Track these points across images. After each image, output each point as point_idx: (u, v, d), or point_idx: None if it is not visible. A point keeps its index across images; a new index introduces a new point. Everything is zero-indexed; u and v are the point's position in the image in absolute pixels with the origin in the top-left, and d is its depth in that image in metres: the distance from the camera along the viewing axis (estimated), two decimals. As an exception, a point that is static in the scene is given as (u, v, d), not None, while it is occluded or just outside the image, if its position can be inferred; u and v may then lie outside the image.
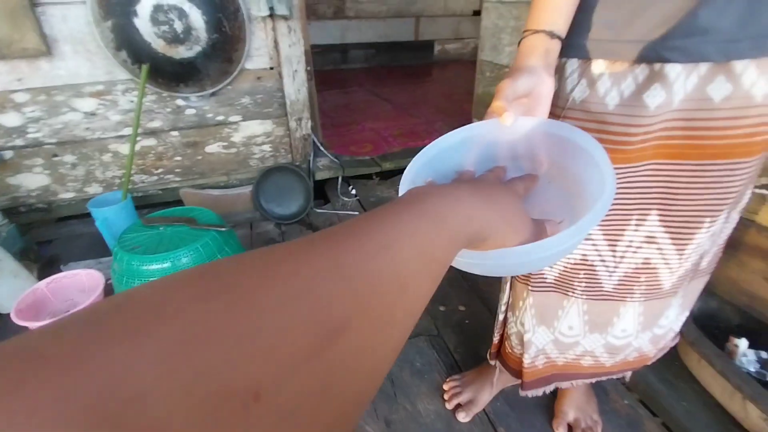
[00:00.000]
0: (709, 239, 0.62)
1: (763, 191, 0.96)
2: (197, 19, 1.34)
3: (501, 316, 0.87)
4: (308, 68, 1.73)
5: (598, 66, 0.54)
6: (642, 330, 0.75)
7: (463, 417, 0.99)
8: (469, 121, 2.27)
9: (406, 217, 0.23)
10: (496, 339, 0.92)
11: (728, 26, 0.45)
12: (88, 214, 1.46)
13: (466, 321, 1.31)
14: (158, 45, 1.34)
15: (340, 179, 2.04)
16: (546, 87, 0.46)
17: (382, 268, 0.19)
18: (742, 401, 0.89)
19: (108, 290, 1.34)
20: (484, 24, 1.92)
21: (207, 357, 0.13)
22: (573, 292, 0.71)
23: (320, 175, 1.96)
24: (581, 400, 0.96)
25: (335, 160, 2.01)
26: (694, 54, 0.48)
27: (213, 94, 1.58)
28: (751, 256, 1.01)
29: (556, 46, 0.49)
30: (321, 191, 2.11)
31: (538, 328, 0.78)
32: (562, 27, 0.49)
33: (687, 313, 0.77)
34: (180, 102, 1.56)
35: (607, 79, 0.53)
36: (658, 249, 0.63)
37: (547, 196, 0.44)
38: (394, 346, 0.20)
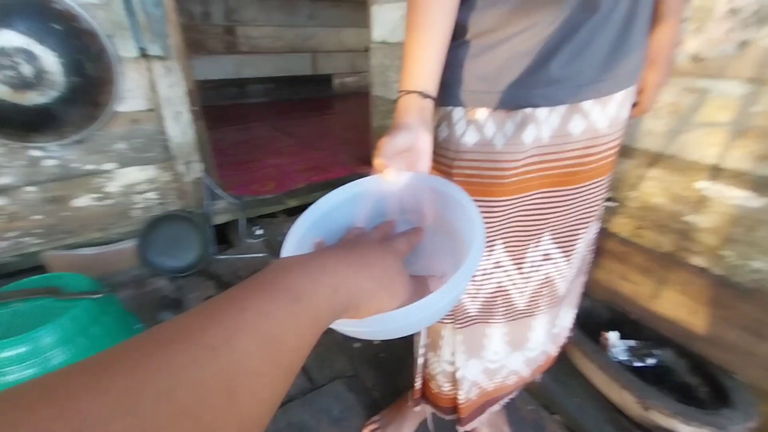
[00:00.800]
0: (585, 246, 0.75)
1: (610, 204, 1.14)
2: (51, 62, 1.18)
3: (420, 360, 0.87)
4: (194, 108, 1.64)
5: (481, 114, 0.61)
6: (547, 335, 0.83)
7: (386, 458, 0.96)
8: (371, 152, 2.35)
9: (254, 301, 0.21)
10: (418, 383, 0.91)
11: (574, 76, 0.56)
12: None
13: (382, 354, 1.31)
14: (1, 92, 1.15)
15: (242, 221, 1.94)
16: (423, 142, 0.50)
17: (203, 379, 0.17)
18: (619, 390, 1.01)
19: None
20: (373, 63, 2.03)
21: None
22: (494, 318, 0.76)
23: (219, 219, 1.84)
24: (492, 417, 1.01)
25: (235, 201, 1.90)
26: (554, 99, 0.58)
27: (78, 142, 1.39)
28: (609, 260, 1.18)
29: (429, 104, 0.54)
30: (223, 236, 1.98)
31: (468, 362, 0.80)
32: (431, 87, 0.54)
33: (575, 311, 0.88)
34: (35, 153, 1.35)
35: (492, 124, 0.61)
36: (554, 264, 0.73)
37: (434, 247, 0.46)
38: None
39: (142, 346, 0.18)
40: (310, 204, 0.43)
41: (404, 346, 1.33)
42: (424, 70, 0.54)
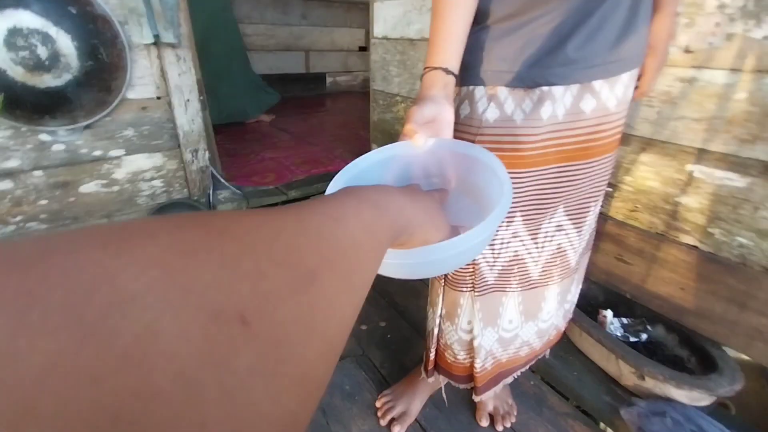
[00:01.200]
0: (593, 219, 0.82)
1: (607, 189, 1.22)
2: (66, 44, 1.20)
3: (436, 330, 0.92)
4: (201, 98, 1.66)
5: (502, 92, 0.66)
6: (558, 308, 0.88)
7: (398, 430, 1.00)
8: (367, 147, 2.39)
9: (349, 201, 0.25)
10: (432, 354, 0.95)
11: (587, 57, 0.62)
12: None
13: (388, 336, 1.35)
14: (16, 72, 1.16)
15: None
16: (448, 113, 0.55)
17: (337, 234, 0.21)
18: (616, 361, 1.08)
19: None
20: (373, 58, 2.08)
21: (197, 273, 0.12)
22: (510, 287, 0.81)
23: (222, 209, 1.85)
24: (497, 390, 1.06)
25: (237, 191, 1.93)
26: (568, 78, 0.64)
27: (88, 127, 1.40)
28: (604, 242, 1.25)
29: (451, 80, 0.59)
30: (223, 226, 2.00)
31: (485, 331, 0.84)
32: (455, 64, 0.60)
33: (581, 286, 0.94)
34: (45, 137, 1.35)
35: (512, 101, 0.67)
36: (566, 234, 0.79)
37: (457, 209, 0.49)
38: (356, 302, 0.21)
39: (292, 207, 0.21)
40: (311, 195, 0.46)
41: (407, 328, 1.38)
42: (448, 48, 0.59)
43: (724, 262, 0.99)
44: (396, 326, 1.39)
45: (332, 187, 0.43)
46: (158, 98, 1.51)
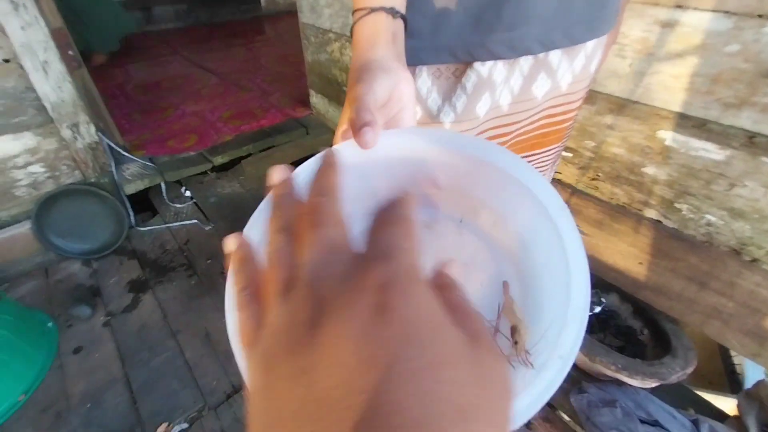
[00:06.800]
0: None
1: (566, 154, 1.06)
2: None
3: None
4: (70, 53, 1.29)
5: (424, 81, 0.47)
6: None
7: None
8: (308, 93, 2.06)
9: None
10: None
11: (544, 13, 0.43)
12: None
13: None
14: None
15: (163, 185, 1.69)
16: (406, 83, 0.32)
17: None
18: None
19: None
20: (297, -20, 1.69)
21: None
22: None
23: (133, 187, 1.58)
24: None
25: (149, 164, 1.63)
26: (518, 47, 0.44)
27: None
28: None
29: (400, 26, 0.36)
30: (146, 202, 1.73)
31: None
32: (400, 1, 0.36)
33: None
34: None
35: (436, 94, 0.48)
36: None
37: (458, 240, 0.32)
38: None
39: None
40: (242, 158, 0.26)
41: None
42: None
43: (688, 239, 0.89)
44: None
45: (255, 221, 0.24)
46: (6, 61, 1.14)
